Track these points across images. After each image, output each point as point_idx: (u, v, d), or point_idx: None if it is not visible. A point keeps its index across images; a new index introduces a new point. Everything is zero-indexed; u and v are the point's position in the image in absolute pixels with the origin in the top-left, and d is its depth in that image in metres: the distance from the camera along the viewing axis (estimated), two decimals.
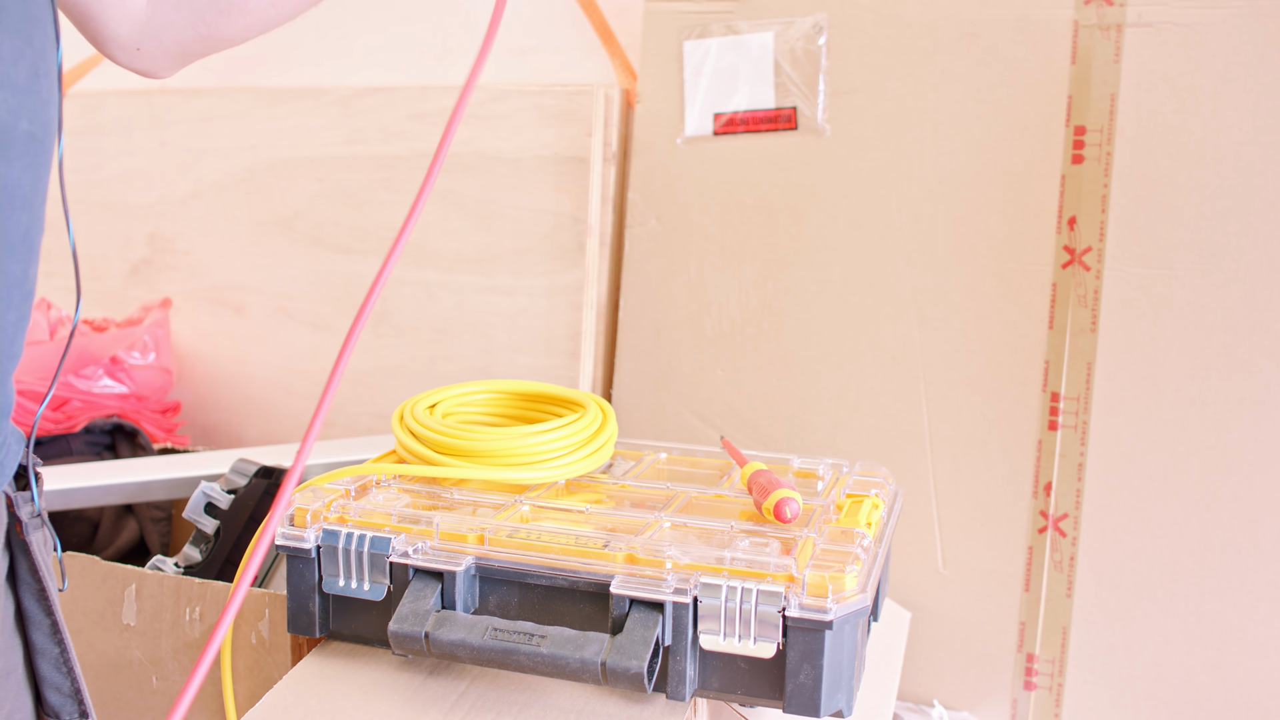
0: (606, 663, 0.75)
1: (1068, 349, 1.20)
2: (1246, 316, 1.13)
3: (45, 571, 0.67)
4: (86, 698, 0.69)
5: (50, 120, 0.62)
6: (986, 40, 1.21)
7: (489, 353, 1.46)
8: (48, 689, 0.68)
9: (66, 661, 0.68)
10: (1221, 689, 1.15)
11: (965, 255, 1.23)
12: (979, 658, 1.24)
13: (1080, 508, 1.19)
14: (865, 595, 0.77)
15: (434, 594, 0.81)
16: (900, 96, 1.25)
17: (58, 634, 0.68)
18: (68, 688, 0.68)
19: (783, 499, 0.85)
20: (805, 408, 1.30)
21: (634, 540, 0.82)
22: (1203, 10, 1.13)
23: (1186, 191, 1.15)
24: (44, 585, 0.67)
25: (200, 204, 1.63)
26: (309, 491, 0.89)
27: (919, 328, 1.25)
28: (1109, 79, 1.17)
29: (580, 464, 0.95)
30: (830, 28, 1.27)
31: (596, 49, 1.49)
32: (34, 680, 0.68)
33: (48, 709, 0.68)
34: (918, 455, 1.26)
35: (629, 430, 1.36)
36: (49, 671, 0.68)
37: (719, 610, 0.76)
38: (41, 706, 0.68)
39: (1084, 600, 1.19)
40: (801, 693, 0.76)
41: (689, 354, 1.35)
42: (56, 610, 0.68)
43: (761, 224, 1.31)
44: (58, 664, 0.68)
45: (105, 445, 1.43)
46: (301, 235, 1.56)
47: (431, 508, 0.88)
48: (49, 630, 0.68)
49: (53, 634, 0.68)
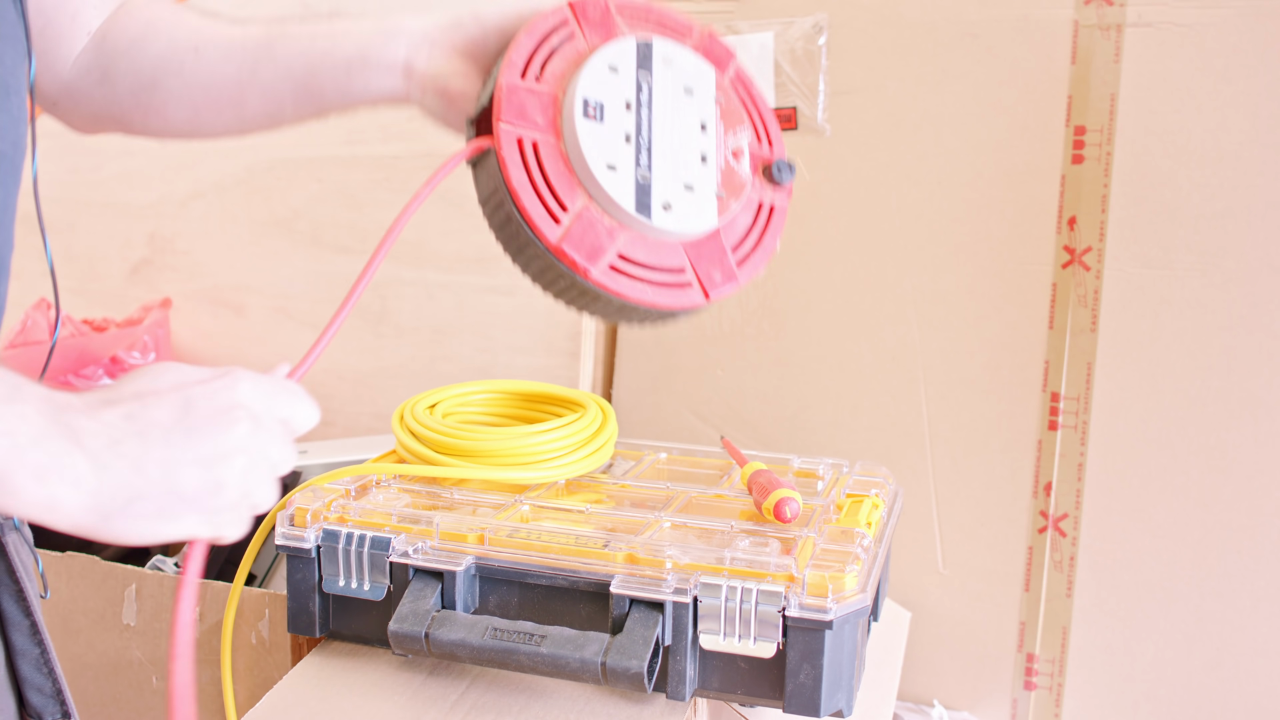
0: (606, 663, 0.75)
1: (1068, 349, 1.20)
2: (1246, 316, 1.13)
3: (23, 573, 0.67)
4: (69, 698, 0.69)
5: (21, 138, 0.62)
6: (986, 40, 1.21)
7: (489, 353, 1.46)
8: (29, 690, 0.67)
9: (47, 662, 0.68)
10: (1221, 689, 1.15)
11: (965, 255, 1.23)
12: (979, 658, 1.24)
13: (1080, 508, 1.19)
14: (865, 595, 0.77)
15: (434, 594, 0.81)
16: (900, 96, 1.25)
17: (37, 635, 0.67)
18: (49, 689, 0.68)
19: (783, 499, 0.85)
20: (805, 408, 1.30)
21: (634, 540, 0.82)
22: (1203, 10, 1.13)
23: (1186, 191, 1.15)
24: (21, 586, 0.66)
25: (200, 204, 1.63)
26: (309, 491, 0.89)
27: (919, 328, 1.25)
28: (1109, 79, 1.17)
29: (580, 464, 0.95)
30: (830, 28, 1.27)
31: None
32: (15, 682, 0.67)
33: (30, 710, 0.68)
34: (918, 455, 1.26)
35: (629, 430, 1.36)
36: (30, 673, 0.67)
37: (719, 610, 0.76)
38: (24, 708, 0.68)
39: (1084, 600, 1.19)
40: (801, 692, 0.76)
41: (689, 354, 1.35)
42: (36, 611, 0.67)
43: None
44: (39, 665, 0.67)
45: None
46: (301, 235, 1.56)
47: (431, 508, 0.88)
48: (29, 631, 0.67)
49: (32, 635, 0.67)
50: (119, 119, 0.77)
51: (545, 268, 0.66)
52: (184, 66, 0.74)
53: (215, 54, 0.74)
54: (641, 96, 0.69)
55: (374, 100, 0.73)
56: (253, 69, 0.73)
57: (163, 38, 0.75)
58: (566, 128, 0.67)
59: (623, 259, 0.66)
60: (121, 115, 0.77)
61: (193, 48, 0.74)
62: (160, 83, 0.75)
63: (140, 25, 0.76)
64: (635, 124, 0.68)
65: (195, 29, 0.76)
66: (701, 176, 0.70)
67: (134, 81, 0.75)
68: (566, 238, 0.65)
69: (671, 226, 0.67)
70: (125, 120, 0.77)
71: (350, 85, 0.72)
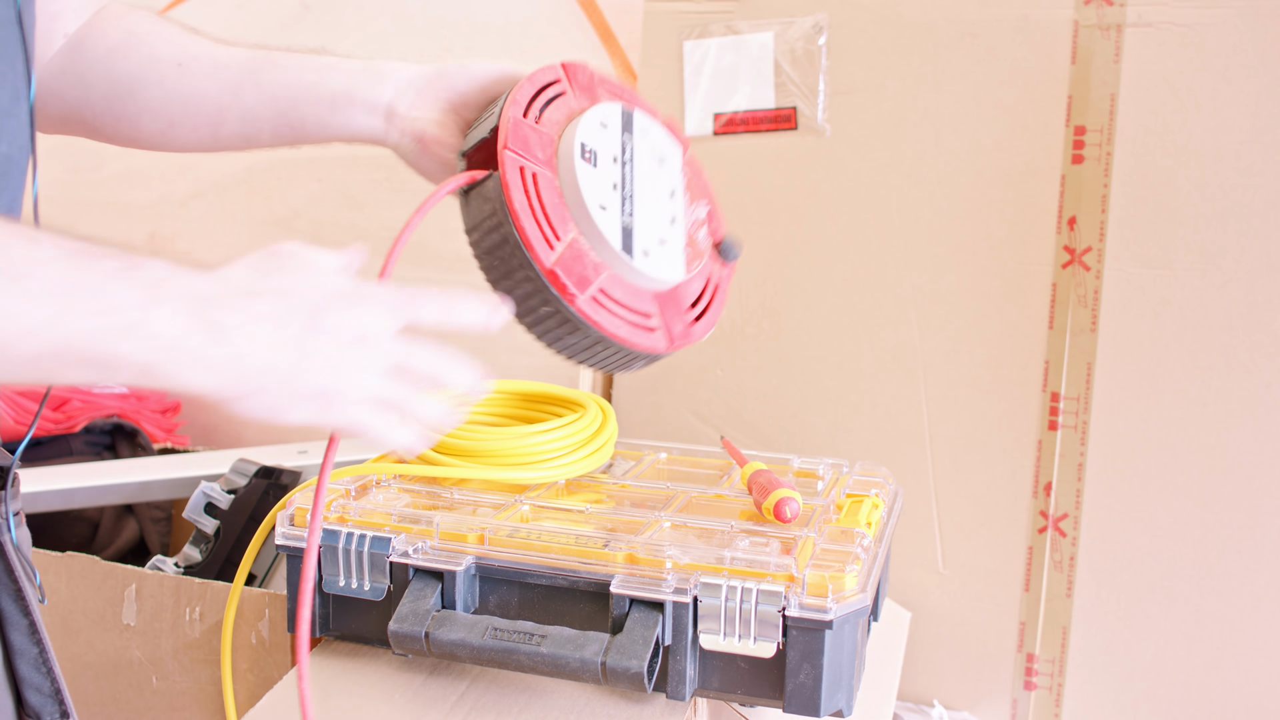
0: (606, 663, 0.75)
1: (1068, 349, 1.20)
2: (1246, 316, 1.13)
3: (21, 572, 0.67)
4: (67, 697, 0.69)
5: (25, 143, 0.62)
6: (986, 40, 1.21)
7: (489, 353, 1.46)
8: (28, 689, 0.67)
9: (46, 662, 0.68)
10: (1221, 689, 1.15)
11: (965, 255, 1.23)
12: (979, 658, 1.24)
13: (1080, 508, 1.19)
14: (865, 595, 0.77)
15: (434, 594, 0.81)
16: (900, 96, 1.25)
17: (36, 634, 0.67)
18: (48, 688, 0.68)
19: (783, 499, 0.85)
20: (805, 408, 1.30)
21: (634, 540, 0.82)
22: (1203, 10, 1.13)
23: (1186, 191, 1.15)
24: (20, 586, 0.66)
25: (200, 204, 1.63)
26: (309, 491, 0.89)
27: (919, 328, 1.25)
28: (1109, 79, 1.17)
29: (580, 464, 0.95)
30: (830, 28, 1.27)
31: (596, 49, 1.49)
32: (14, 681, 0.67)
33: (28, 710, 0.68)
34: (918, 455, 1.26)
35: (629, 430, 1.36)
36: (29, 672, 0.67)
37: (719, 610, 0.76)
38: (22, 707, 0.68)
39: (1084, 600, 1.19)
40: (801, 692, 0.76)
41: (689, 354, 1.35)
42: (34, 610, 0.67)
43: (761, 224, 1.31)
44: (37, 664, 0.67)
45: (105, 445, 1.43)
46: (301, 235, 1.56)
47: (431, 507, 0.88)
48: (27, 630, 0.67)
49: (31, 634, 0.67)
50: (88, 123, 0.77)
51: (533, 292, 0.69)
52: (165, 79, 0.75)
53: (199, 71, 0.75)
54: (625, 155, 0.75)
55: (351, 136, 0.76)
56: (236, 91, 0.75)
57: (144, 48, 0.76)
58: (564, 165, 0.72)
59: (604, 293, 0.71)
60: (92, 119, 0.76)
61: (176, 62, 0.75)
62: (137, 93, 0.75)
63: (120, 34, 0.76)
64: (620, 176, 0.73)
65: (180, 44, 0.77)
66: (672, 235, 0.76)
67: (109, 89, 0.75)
68: (560, 262, 0.69)
69: (649, 271, 0.72)
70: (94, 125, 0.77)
71: (332, 119, 0.75)
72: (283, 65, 0.75)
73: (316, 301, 0.57)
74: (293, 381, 0.56)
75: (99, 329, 0.50)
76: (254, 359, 0.55)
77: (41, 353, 0.49)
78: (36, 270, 0.49)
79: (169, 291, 0.53)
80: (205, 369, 0.54)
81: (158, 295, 0.52)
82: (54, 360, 0.50)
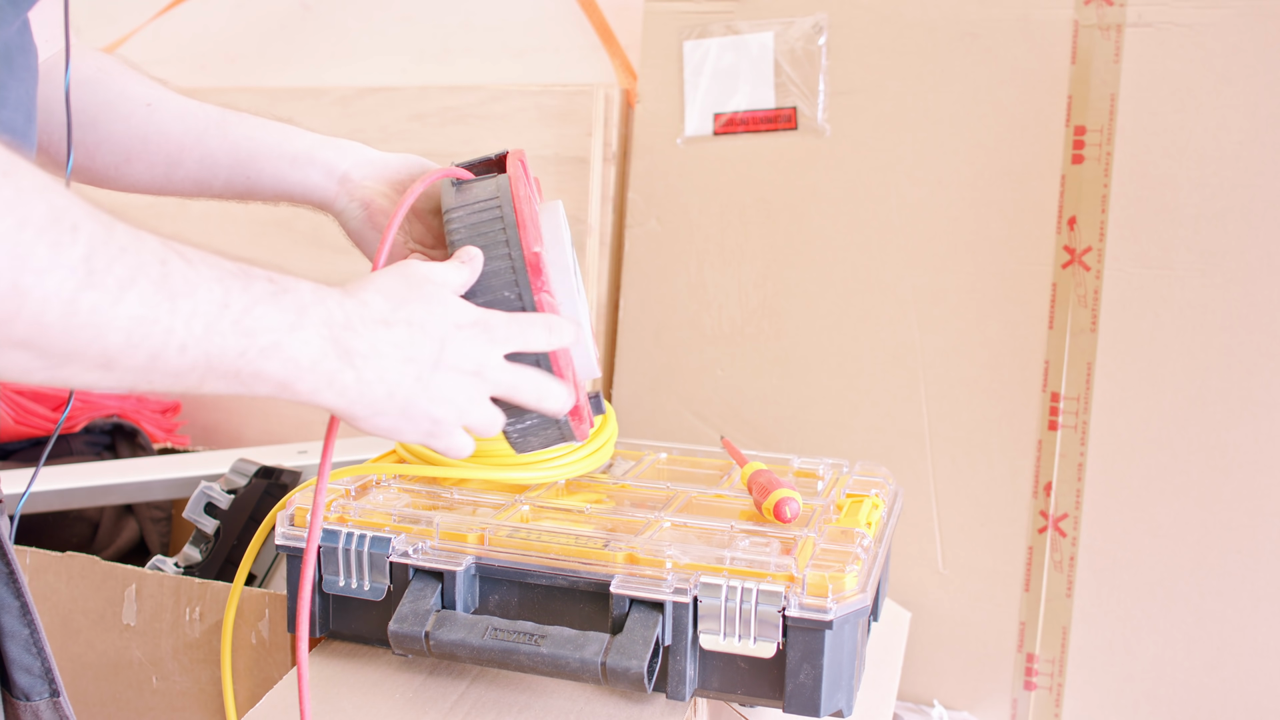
0: (606, 663, 0.75)
1: (1068, 349, 1.20)
2: (1246, 316, 1.13)
3: (12, 554, 0.67)
4: (57, 677, 0.69)
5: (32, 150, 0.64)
6: (986, 40, 1.21)
7: None
8: (17, 671, 0.67)
9: (37, 643, 0.68)
10: (1221, 689, 1.15)
11: (965, 255, 1.23)
12: (979, 658, 1.24)
13: (1080, 508, 1.19)
14: (865, 595, 0.77)
15: (434, 594, 0.81)
16: (900, 96, 1.25)
17: (28, 615, 0.67)
18: (38, 668, 0.68)
19: (783, 499, 0.85)
20: (805, 408, 1.30)
21: (634, 540, 0.82)
22: (1203, 10, 1.13)
23: (1186, 191, 1.15)
24: (12, 568, 0.67)
25: (200, 203, 1.63)
26: (309, 491, 0.89)
27: (919, 328, 1.25)
28: (1109, 79, 1.17)
29: (580, 464, 0.95)
30: (830, 28, 1.27)
31: (596, 49, 1.49)
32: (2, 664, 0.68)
33: (16, 691, 0.68)
34: (918, 455, 1.26)
35: (629, 430, 1.36)
36: (18, 654, 0.67)
37: (719, 610, 0.76)
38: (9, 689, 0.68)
39: (1084, 600, 1.19)
40: (801, 692, 0.76)
41: (689, 354, 1.35)
42: (26, 592, 0.67)
43: (761, 224, 1.31)
44: (28, 646, 0.68)
45: (105, 445, 1.43)
46: (301, 235, 1.56)
47: (431, 507, 0.88)
48: (18, 612, 0.67)
49: (22, 616, 0.67)
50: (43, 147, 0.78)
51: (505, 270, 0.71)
52: (132, 115, 0.79)
53: (167, 113, 0.79)
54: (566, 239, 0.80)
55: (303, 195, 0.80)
56: (200, 136, 0.79)
57: (116, 84, 0.79)
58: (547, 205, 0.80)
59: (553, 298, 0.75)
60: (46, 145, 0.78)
61: (145, 101, 0.79)
62: (100, 125, 0.78)
63: (91, 69, 0.79)
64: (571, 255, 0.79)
65: (150, 86, 0.81)
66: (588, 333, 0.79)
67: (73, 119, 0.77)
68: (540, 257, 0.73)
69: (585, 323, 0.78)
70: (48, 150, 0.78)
71: (290, 174, 0.79)
72: (250, 122, 0.81)
73: (442, 337, 0.63)
74: (410, 409, 0.63)
75: (246, 348, 0.54)
76: (380, 387, 0.61)
77: (192, 366, 0.53)
78: (195, 290, 0.52)
79: (312, 317, 0.57)
80: (336, 393, 0.59)
81: (301, 320, 0.57)
82: (203, 373, 0.54)
